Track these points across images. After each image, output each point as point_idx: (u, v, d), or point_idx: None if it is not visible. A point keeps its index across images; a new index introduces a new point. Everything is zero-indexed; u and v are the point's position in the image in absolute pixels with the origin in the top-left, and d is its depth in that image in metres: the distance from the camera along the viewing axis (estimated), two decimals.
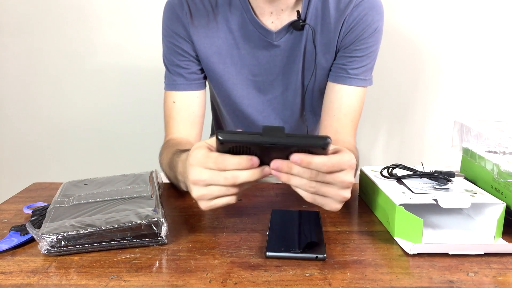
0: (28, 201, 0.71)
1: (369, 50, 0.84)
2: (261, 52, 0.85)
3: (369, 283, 0.46)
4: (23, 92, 1.45)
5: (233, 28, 0.84)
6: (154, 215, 0.54)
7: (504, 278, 0.47)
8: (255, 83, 0.88)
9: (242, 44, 0.84)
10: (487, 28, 1.36)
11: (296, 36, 0.83)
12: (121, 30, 1.40)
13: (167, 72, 0.89)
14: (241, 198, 0.72)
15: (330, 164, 0.48)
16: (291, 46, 0.84)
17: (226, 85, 0.88)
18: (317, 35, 0.83)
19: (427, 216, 0.62)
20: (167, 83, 0.89)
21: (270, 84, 0.88)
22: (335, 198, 0.51)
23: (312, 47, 0.84)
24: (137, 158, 1.49)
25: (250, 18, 0.82)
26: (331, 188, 0.50)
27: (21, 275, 0.48)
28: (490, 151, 0.64)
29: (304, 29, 0.83)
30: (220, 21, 0.84)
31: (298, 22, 0.81)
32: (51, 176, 1.49)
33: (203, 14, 0.84)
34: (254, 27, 0.83)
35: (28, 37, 1.41)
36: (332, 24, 0.82)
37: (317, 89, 0.89)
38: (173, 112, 0.88)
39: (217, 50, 0.85)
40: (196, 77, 0.88)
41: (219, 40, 0.84)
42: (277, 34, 0.83)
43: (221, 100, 0.94)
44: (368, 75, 0.87)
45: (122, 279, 0.47)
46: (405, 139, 1.49)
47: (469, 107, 1.43)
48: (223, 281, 0.46)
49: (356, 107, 0.86)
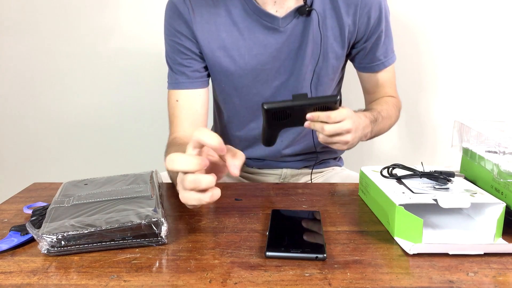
0: (28, 201, 0.71)
1: (387, 30, 0.92)
2: (267, 40, 0.85)
3: (369, 283, 0.46)
4: (23, 92, 1.45)
5: (236, 20, 0.84)
6: (154, 215, 0.54)
7: (504, 278, 0.47)
8: (263, 71, 0.88)
9: (247, 34, 0.85)
10: (487, 28, 1.36)
11: (303, 22, 0.85)
12: (122, 30, 1.40)
13: (170, 71, 0.90)
14: (241, 198, 0.72)
15: (332, 116, 0.68)
16: (298, 32, 0.85)
17: (232, 78, 0.88)
18: (327, 20, 0.86)
19: (427, 216, 0.62)
20: (170, 82, 0.90)
21: (277, 71, 0.88)
22: (340, 141, 0.71)
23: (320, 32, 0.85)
24: (137, 158, 1.49)
25: (252, 8, 0.83)
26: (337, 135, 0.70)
27: (21, 275, 0.48)
28: (490, 151, 0.64)
29: (311, 15, 0.84)
30: (222, 14, 0.84)
31: (304, 7, 0.83)
32: (51, 176, 1.49)
33: (205, 9, 0.84)
34: (258, 16, 0.83)
35: (27, 38, 1.41)
36: (342, 7, 0.85)
37: (325, 74, 0.90)
38: (177, 111, 0.88)
39: (222, 44, 0.85)
40: (199, 75, 0.89)
41: (223, 33, 0.85)
42: (283, 20, 0.83)
43: (226, 94, 0.93)
44: (393, 51, 0.96)
45: (122, 279, 0.47)
46: (405, 139, 1.49)
47: (469, 107, 1.43)
48: (223, 281, 0.46)
49: (392, 77, 0.99)
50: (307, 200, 0.71)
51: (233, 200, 0.71)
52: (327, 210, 0.67)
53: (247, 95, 0.90)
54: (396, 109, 0.97)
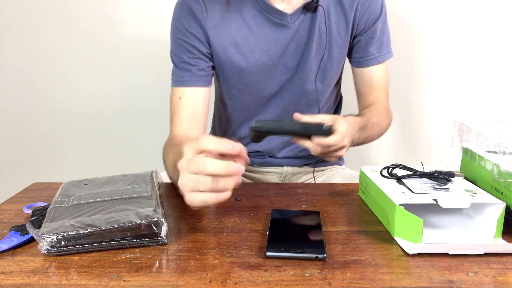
0: (28, 201, 0.71)
1: (383, 25, 0.93)
2: (276, 36, 0.88)
3: (369, 283, 0.46)
4: (23, 92, 1.45)
5: (246, 17, 0.87)
6: (154, 215, 0.54)
7: (504, 278, 0.47)
8: (272, 67, 0.90)
9: (257, 31, 0.87)
10: (487, 27, 1.36)
11: (310, 18, 0.87)
12: (122, 30, 1.40)
13: (175, 69, 0.91)
14: (241, 198, 0.72)
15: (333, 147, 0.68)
16: (305, 28, 0.88)
17: (243, 74, 0.90)
18: (332, 16, 0.89)
19: (427, 216, 0.62)
20: (174, 80, 0.92)
21: (285, 66, 0.91)
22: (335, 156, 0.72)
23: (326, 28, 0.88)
24: (137, 158, 1.49)
25: (262, 5, 0.86)
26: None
27: (21, 275, 0.48)
28: (490, 151, 0.64)
29: (318, 11, 0.87)
30: (233, 11, 0.87)
31: (312, 4, 0.86)
32: (51, 176, 1.49)
33: (218, 7, 0.87)
34: (267, 12, 0.86)
35: (25, 38, 1.41)
36: (346, 3, 0.88)
37: (331, 68, 0.92)
38: (178, 108, 0.89)
39: (233, 41, 0.88)
40: (204, 74, 0.91)
41: (234, 31, 0.87)
42: (292, 16, 0.86)
43: (237, 89, 0.94)
44: (389, 48, 0.97)
45: (122, 279, 0.47)
46: (405, 139, 1.49)
47: (469, 107, 1.43)
48: (223, 281, 0.46)
49: (385, 78, 0.98)
50: (307, 200, 0.71)
51: (233, 200, 0.71)
52: (327, 210, 0.67)
53: (256, 90, 0.93)
54: (386, 118, 0.96)
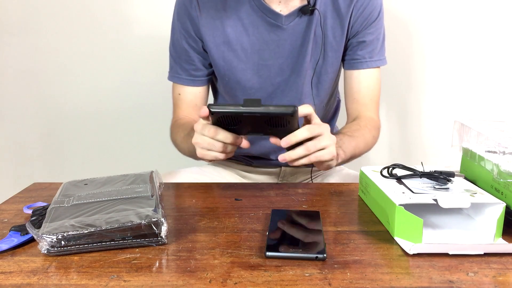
0: (28, 201, 0.71)
1: (378, 31, 0.91)
2: (270, 37, 0.88)
3: (369, 283, 0.46)
4: (23, 92, 1.45)
5: (242, 16, 0.87)
6: (154, 215, 0.54)
7: (504, 278, 0.47)
8: (265, 67, 0.90)
9: (251, 30, 0.88)
10: (487, 27, 1.36)
11: (306, 21, 0.87)
12: (122, 30, 1.40)
13: (173, 62, 0.95)
14: (241, 198, 0.72)
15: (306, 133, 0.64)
16: (300, 30, 0.88)
17: (235, 71, 0.91)
18: (328, 20, 0.88)
19: (427, 216, 0.62)
20: (171, 74, 0.95)
21: (280, 67, 0.91)
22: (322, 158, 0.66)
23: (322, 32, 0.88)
24: (137, 158, 1.49)
25: (258, 5, 0.86)
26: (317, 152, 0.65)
27: (21, 275, 0.48)
28: (490, 151, 0.64)
29: (314, 14, 0.87)
30: (228, 10, 0.87)
31: (307, 7, 0.86)
32: (51, 176, 1.49)
33: (212, 5, 0.88)
34: (263, 12, 0.87)
35: (25, 38, 1.41)
36: (342, 8, 0.88)
37: (325, 72, 0.92)
38: (179, 102, 0.96)
39: (226, 39, 0.88)
40: (201, 74, 0.93)
41: (228, 28, 0.88)
42: (287, 18, 0.87)
43: (229, 88, 0.95)
44: (381, 55, 0.94)
45: (122, 279, 0.47)
46: (405, 139, 1.49)
47: (469, 107, 1.43)
48: (223, 281, 0.46)
49: (375, 86, 0.94)
50: (307, 200, 0.71)
51: (233, 200, 0.71)
52: (327, 210, 0.67)
53: (250, 89, 0.93)
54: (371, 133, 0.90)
